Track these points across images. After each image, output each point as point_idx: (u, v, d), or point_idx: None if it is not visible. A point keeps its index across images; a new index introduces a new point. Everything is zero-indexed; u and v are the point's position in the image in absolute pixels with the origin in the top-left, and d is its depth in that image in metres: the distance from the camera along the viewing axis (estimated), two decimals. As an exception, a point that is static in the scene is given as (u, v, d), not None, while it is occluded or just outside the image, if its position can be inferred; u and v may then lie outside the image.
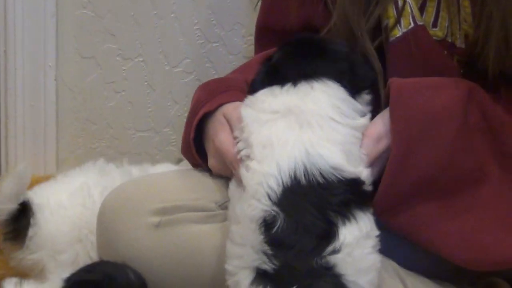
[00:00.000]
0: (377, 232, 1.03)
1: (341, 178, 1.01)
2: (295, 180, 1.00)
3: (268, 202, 0.99)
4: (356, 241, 0.99)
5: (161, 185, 1.22)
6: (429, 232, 1.11)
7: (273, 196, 0.99)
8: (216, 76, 1.77)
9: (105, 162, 1.59)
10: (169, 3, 1.80)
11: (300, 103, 1.06)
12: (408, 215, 1.11)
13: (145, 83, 1.85)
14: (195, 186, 1.20)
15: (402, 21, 1.17)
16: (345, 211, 1.00)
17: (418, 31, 1.17)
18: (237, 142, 1.09)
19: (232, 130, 1.13)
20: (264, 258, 0.97)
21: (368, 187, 1.05)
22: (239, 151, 1.07)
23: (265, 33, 1.36)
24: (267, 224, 0.98)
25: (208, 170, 1.19)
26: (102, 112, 1.87)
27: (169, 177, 1.27)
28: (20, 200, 1.47)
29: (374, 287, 1.02)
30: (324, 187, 1.00)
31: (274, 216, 0.98)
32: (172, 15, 1.80)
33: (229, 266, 1.03)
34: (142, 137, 1.89)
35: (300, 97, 1.06)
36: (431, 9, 1.19)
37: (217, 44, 1.83)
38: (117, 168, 1.59)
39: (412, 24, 1.17)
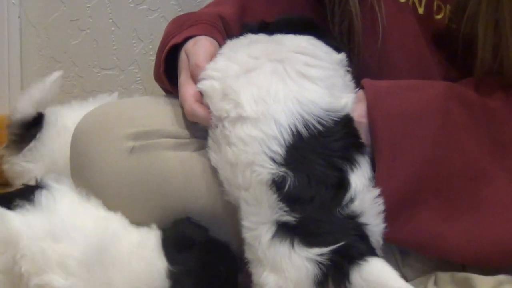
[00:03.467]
0: (372, 174, 1.04)
1: (336, 119, 1.02)
2: (297, 135, 1.00)
3: (274, 165, 0.98)
4: (365, 188, 1.00)
5: (135, 110, 1.21)
6: (436, 239, 1.11)
7: (278, 158, 0.98)
8: (181, 13, 1.68)
9: (117, 96, 1.60)
10: None
11: (277, 45, 1.07)
12: (411, 226, 1.10)
13: (110, 21, 1.83)
14: (168, 113, 1.19)
15: None
16: (349, 156, 1.01)
17: None
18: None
19: (188, 64, 1.13)
20: (283, 212, 0.97)
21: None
22: (223, 114, 1.05)
23: None
24: (277, 184, 0.98)
25: None
26: (67, 50, 1.86)
27: (142, 103, 1.26)
28: (39, 110, 1.51)
29: (381, 238, 1.01)
30: (325, 134, 1.00)
31: (283, 176, 0.97)
32: (136, -50, 1.80)
33: (246, 222, 1.02)
34: (107, 75, 1.88)
35: (276, 41, 1.08)
36: None
37: (181, -19, 1.81)
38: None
39: None
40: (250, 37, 1.12)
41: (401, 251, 1.15)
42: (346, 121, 1.03)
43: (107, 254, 1.09)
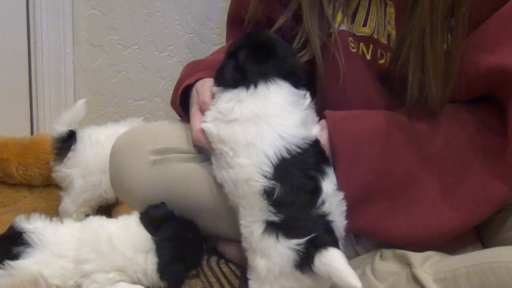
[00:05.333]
0: (336, 182, 1.09)
1: (310, 142, 1.08)
2: (281, 158, 1.05)
3: (266, 180, 1.04)
4: (333, 192, 1.06)
5: (156, 132, 1.28)
6: (383, 229, 1.17)
7: (269, 175, 1.04)
8: (192, 59, 1.89)
9: (142, 120, 1.73)
10: (156, 4, 1.93)
11: (263, 108, 1.10)
12: (363, 219, 1.16)
13: (140, 64, 1.99)
14: (181, 134, 1.25)
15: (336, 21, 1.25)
16: (320, 168, 1.06)
17: (342, 33, 1.26)
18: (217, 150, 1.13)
19: (198, 100, 1.18)
20: (271, 214, 1.03)
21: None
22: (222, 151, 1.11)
23: (236, 21, 1.41)
24: (268, 193, 1.03)
25: None
26: (108, 86, 2.02)
27: (162, 126, 1.31)
28: (71, 128, 1.64)
29: (343, 232, 1.07)
30: (302, 153, 1.06)
31: (273, 187, 1.03)
32: (159, 13, 1.94)
33: (243, 221, 1.08)
34: (138, 105, 2.04)
35: (261, 101, 1.10)
36: (362, 13, 1.26)
37: (192, 35, 1.95)
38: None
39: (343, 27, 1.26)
40: (239, 93, 1.13)
41: (355, 234, 1.25)
42: (316, 143, 1.10)
43: (101, 235, 1.19)
